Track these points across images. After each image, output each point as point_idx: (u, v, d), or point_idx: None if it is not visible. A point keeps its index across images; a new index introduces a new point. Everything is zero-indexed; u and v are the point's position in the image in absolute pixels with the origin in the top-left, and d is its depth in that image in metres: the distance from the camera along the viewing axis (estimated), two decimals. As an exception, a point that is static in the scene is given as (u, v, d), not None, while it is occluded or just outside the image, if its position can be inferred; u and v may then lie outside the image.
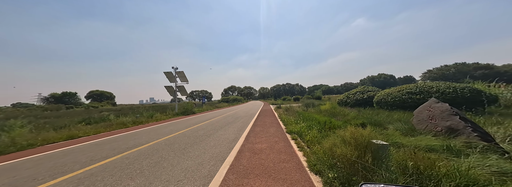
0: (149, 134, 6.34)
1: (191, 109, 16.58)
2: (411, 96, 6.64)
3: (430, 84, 6.59)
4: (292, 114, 9.85)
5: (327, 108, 10.23)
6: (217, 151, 3.90)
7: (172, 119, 12.03)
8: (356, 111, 7.84)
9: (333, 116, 6.88)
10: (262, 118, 10.24)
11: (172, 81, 18.66)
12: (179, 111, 16.06)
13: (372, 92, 9.75)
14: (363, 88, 10.83)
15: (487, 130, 3.29)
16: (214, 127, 7.26)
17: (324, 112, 8.94)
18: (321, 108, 10.70)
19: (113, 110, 34.23)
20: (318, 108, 11.81)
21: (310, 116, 6.91)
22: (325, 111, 9.30)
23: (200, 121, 9.92)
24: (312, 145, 3.83)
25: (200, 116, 13.64)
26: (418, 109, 3.94)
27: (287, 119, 7.69)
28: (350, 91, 11.49)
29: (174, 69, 18.57)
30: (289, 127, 6.11)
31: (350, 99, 10.55)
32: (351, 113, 7.13)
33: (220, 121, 9.52)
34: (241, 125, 7.62)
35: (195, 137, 5.41)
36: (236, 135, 5.61)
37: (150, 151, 4.14)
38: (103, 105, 69.13)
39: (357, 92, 10.63)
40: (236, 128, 6.86)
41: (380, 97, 8.03)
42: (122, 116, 10.18)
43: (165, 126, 8.21)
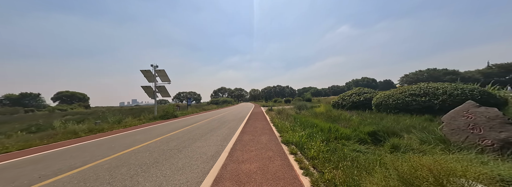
0: (99, 148, 4.76)
1: (172, 112, 14.77)
2: (415, 98, 6.06)
3: (434, 85, 6.08)
4: (286, 117, 8.85)
5: (322, 111, 9.45)
6: (181, 181, 2.62)
7: (146, 124, 10.27)
8: (356, 115, 7.09)
9: (334, 121, 5.98)
10: (252, 122, 9.06)
11: (151, 80, 16.66)
12: (158, 115, 14.17)
13: (369, 94, 9.19)
14: (358, 89, 10.29)
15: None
16: (193, 136, 5.89)
17: (320, 116, 8.09)
18: (316, 111, 9.89)
19: (82, 113, 30.29)
20: (312, 110, 11.00)
21: (308, 121, 5.93)
22: (321, 115, 8.47)
23: (179, 127, 8.41)
24: (321, 165, 2.77)
25: (182, 120, 12.01)
26: (450, 115, 3.14)
27: (281, 124, 6.63)
28: (345, 93, 10.89)
29: (154, 67, 16.62)
30: (285, 135, 5.02)
31: (346, 101, 9.90)
32: (353, 117, 6.31)
33: (203, 126, 8.13)
34: (227, 132, 6.37)
35: (160, 153, 4.02)
36: (218, 147, 4.34)
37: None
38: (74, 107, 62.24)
39: (353, 94, 10.03)
40: (220, 137, 5.59)
41: (380, 100, 7.41)
42: (74, 122, 8.15)
43: (130, 135, 6.60)
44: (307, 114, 9.56)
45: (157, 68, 16.89)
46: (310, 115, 9.07)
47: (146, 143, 5.03)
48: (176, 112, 15.40)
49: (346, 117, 6.33)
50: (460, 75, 61.50)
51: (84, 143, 5.46)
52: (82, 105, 75.24)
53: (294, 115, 8.86)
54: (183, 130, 7.22)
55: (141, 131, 7.58)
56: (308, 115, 9.18)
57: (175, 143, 4.98)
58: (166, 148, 4.45)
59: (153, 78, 16.63)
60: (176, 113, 15.36)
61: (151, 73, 16.48)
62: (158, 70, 16.69)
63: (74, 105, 69.90)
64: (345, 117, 6.34)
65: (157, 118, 13.35)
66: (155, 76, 16.81)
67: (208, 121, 10.65)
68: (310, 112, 10.38)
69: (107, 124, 9.10)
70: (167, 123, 10.32)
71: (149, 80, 16.77)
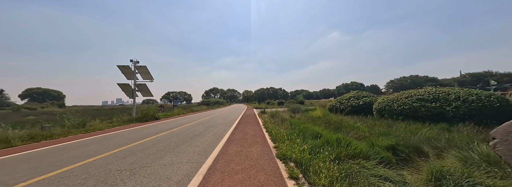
0: (16, 168, 3.35)
1: (152, 113, 13.14)
2: (423, 103, 5.43)
3: (444, 89, 5.50)
4: (281, 122, 7.88)
5: (319, 115, 8.66)
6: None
7: (117, 128, 8.70)
8: (359, 121, 6.33)
9: (336, 129, 5.11)
10: (243, 127, 7.97)
11: (130, 77, 14.88)
12: (136, 117, 12.49)
13: (368, 98, 8.58)
14: (356, 93, 9.69)
15: None
16: (165, 146, 4.65)
17: (318, 121, 7.27)
18: (312, 115, 9.08)
19: (51, 113, 26.95)
20: (308, 114, 10.19)
21: (307, 128, 5.00)
22: (318, 119, 7.65)
23: (154, 132, 7.05)
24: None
25: (162, 123, 10.54)
26: (505, 130, 2.35)
27: (276, 131, 5.64)
28: (343, 96, 10.23)
29: (134, 62, 14.90)
30: (281, 147, 4.01)
31: (344, 105, 9.21)
32: (358, 124, 5.49)
33: (183, 132, 6.86)
34: (211, 141, 5.22)
35: (100, 178, 2.75)
36: (191, 166, 3.19)
37: None
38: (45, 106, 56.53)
39: (351, 97, 9.37)
40: (200, 148, 4.44)
41: (382, 104, 6.75)
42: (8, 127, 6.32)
43: (82, 145, 5.16)
44: (303, 119, 8.70)
45: (138, 64, 15.18)
46: (306, 120, 8.22)
47: (92, 159, 3.70)
48: (157, 114, 13.79)
49: (349, 124, 5.49)
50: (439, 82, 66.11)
51: (3, 158, 3.97)
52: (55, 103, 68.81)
53: (290, 119, 7.94)
54: (156, 137, 5.90)
55: (102, 138, 6.11)
56: (304, 119, 8.31)
57: (134, 158, 3.72)
58: (115, 167, 3.19)
59: (132, 75, 14.87)
60: (158, 114, 13.75)
61: (130, 69, 14.73)
62: (138, 66, 14.98)
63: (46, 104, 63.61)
64: (348, 124, 5.49)
65: (133, 120, 11.70)
66: (135, 73, 15.06)
67: (192, 124, 9.35)
68: (306, 116, 9.55)
69: (63, 128, 7.43)
70: (142, 127, 8.84)
71: (128, 77, 14.99)
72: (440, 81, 65.45)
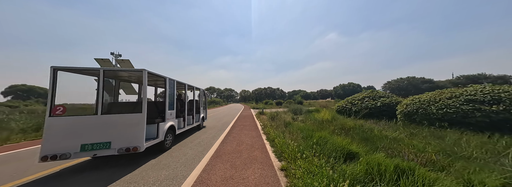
0: None
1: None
2: (478, 106, 4.09)
3: (506, 88, 4.17)
4: (284, 127, 6.40)
5: (328, 118, 7.26)
6: None
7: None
8: (382, 126, 4.93)
9: (365, 140, 3.66)
10: (238, 132, 6.44)
11: (111, 73, 13.11)
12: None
13: (387, 99, 7.20)
14: (370, 92, 8.33)
15: None
16: (125, 163, 3.08)
17: (328, 125, 5.86)
18: (318, 118, 7.68)
19: (31, 111, 24.84)
20: (312, 116, 8.78)
21: (324, 139, 3.54)
22: (328, 123, 6.25)
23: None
24: None
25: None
26: None
27: (281, 141, 4.17)
28: (354, 96, 8.83)
29: (115, 56, 13.11)
30: (295, 173, 2.54)
31: (357, 107, 7.79)
32: (395, 134, 4.05)
33: None
34: (191, 156, 3.69)
35: None
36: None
37: None
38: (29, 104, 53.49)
39: (365, 97, 7.98)
40: (169, 171, 2.90)
41: (413, 107, 5.35)
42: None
43: (5, 161, 3.51)
44: (308, 122, 7.27)
45: (120, 57, 13.40)
46: (313, 124, 6.80)
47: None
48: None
49: (380, 133, 4.02)
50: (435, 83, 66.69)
51: None
52: (40, 101, 65.61)
53: (296, 124, 6.47)
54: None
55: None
56: (310, 123, 6.87)
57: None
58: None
59: (113, 70, 13.08)
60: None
61: (110, 63, 12.91)
62: (120, 60, 13.18)
63: (30, 101, 60.40)
64: (379, 133, 4.00)
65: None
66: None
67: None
68: (311, 119, 8.15)
69: (8, 131, 5.72)
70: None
71: (108, 72, 13.19)
72: (436, 83, 66.02)
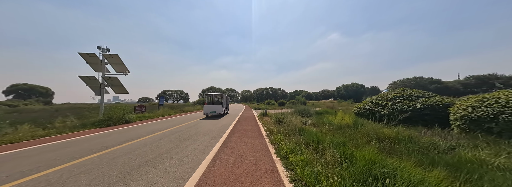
0: None
1: (121, 116, 10.10)
2: None
3: None
4: (297, 133, 4.95)
5: (349, 123, 5.82)
6: None
7: (42, 140, 5.70)
8: (438, 136, 3.42)
9: (448, 167, 2.23)
10: (237, 141, 5.01)
11: (98, 69, 11.79)
12: (96, 120, 9.42)
13: (429, 99, 5.62)
14: (402, 91, 6.80)
15: None
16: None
17: (352, 132, 4.43)
18: (336, 122, 6.24)
19: (26, 111, 23.79)
20: (325, 119, 7.33)
21: (382, 164, 2.12)
22: (351, 129, 4.79)
23: (83, 152, 4.05)
24: None
25: (125, 130, 7.55)
26: None
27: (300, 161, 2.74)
28: (380, 95, 7.25)
29: (102, 50, 11.79)
30: None
31: (386, 109, 6.22)
32: (491, 155, 2.52)
33: (131, 153, 3.88)
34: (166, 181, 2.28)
35: None
36: None
37: None
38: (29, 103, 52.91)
39: (396, 97, 6.41)
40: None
41: (488, 111, 3.75)
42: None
43: None
44: (324, 128, 5.82)
45: (109, 52, 12.07)
46: (331, 130, 5.34)
47: None
48: (129, 116, 10.71)
49: (473, 156, 2.42)
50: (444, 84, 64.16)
51: None
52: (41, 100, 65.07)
53: (310, 130, 4.98)
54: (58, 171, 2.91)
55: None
56: (326, 130, 5.42)
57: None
58: None
59: (100, 66, 11.76)
60: (130, 116, 10.67)
61: (97, 58, 11.61)
62: (108, 55, 11.86)
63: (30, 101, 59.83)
64: (474, 158, 2.38)
65: (87, 125, 8.61)
66: (105, 64, 11.96)
67: (164, 134, 6.36)
68: (325, 122, 6.70)
69: None
70: (87, 137, 5.83)
71: (95, 68, 11.88)
72: (445, 83, 63.56)
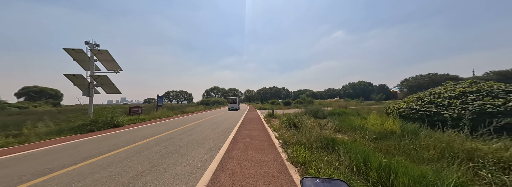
0: None
1: (108, 119, 8.78)
2: None
3: None
4: (329, 148, 3.29)
5: (395, 130, 4.11)
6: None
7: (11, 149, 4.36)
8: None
9: None
10: (240, 156, 3.44)
11: (86, 67, 10.57)
12: (80, 123, 8.14)
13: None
14: (471, 84, 4.93)
15: None
16: None
17: (410, 146, 2.75)
18: (372, 127, 4.54)
19: (30, 113, 23.55)
20: (351, 123, 5.61)
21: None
22: (401, 139, 3.10)
23: (8, 179, 2.59)
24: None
25: (110, 136, 6.19)
26: None
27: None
28: (435, 91, 5.32)
29: (91, 45, 10.56)
30: None
31: (451, 110, 4.30)
32: None
33: (86, 179, 2.39)
34: None
35: None
36: None
37: None
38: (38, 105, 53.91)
39: (466, 92, 4.49)
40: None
41: None
42: None
43: None
44: (361, 140, 4.14)
45: (98, 47, 10.83)
46: (371, 140, 3.64)
47: None
48: (118, 118, 9.38)
49: None
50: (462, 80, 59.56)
51: None
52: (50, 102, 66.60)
53: (343, 140, 3.30)
54: None
55: None
56: (361, 140, 3.74)
57: None
58: None
59: (88, 63, 10.53)
60: (118, 119, 9.33)
61: (84, 55, 10.38)
62: (97, 51, 10.60)
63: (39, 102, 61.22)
64: None
65: (64, 130, 7.28)
66: (93, 61, 10.72)
67: (146, 144, 4.89)
68: (354, 127, 5.00)
69: None
70: (24, 156, 4.45)
71: (84, 66, 10.66)
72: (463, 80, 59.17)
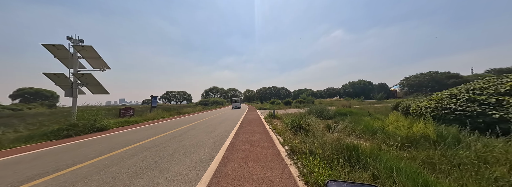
0: None
1: (88, 122, 7.89)
2: None
3: None
4: (349, 158, 2.45)
5: (430, 135, 3.28)
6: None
7: None
8: None
9: None
10: (237, 173, 2.57)
11: (69, 65, 9.62)
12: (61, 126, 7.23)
13: None
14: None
15: None
16: None
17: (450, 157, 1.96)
18: (395, 130, 3.70)
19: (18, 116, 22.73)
20: (364, 124, 4.78)
21: None
22: (434, 147, 2.30)
23: None
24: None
25: (86, 142, 5.31)
26: None
27: None
28: (474, 85, 4.41)
29: (74, 41, 9.61)
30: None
31: (503, 109, 3.27)
32: None
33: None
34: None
35: None
36: None
37: None
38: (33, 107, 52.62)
39: None
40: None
41: None
42: None
43: None
44: (389, 149, 3.29)
45: (82, 43, 9.90)
46: (394, 144, 2.79)
47: None
48: (102, 122, 8.47)
49: None
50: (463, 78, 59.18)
51: None
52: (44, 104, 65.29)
53: (371, 150, 2.48)
54: None
55: None
56: (393, 155, 2.90)
57: None
58: None
59: (71, 61, 9.58)
60: (102, 123, 8.41)
61: (66, 51, 9.44)
62: (80, 47, 9.65)
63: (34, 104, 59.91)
64: None
65: (35, 136, 6.36)
66: (77, 58, 9.78)
67: (121, 155, 4.01)
68: (373, 129, 4.16)
69: None
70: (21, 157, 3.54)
71: (66, 64, 9.71)
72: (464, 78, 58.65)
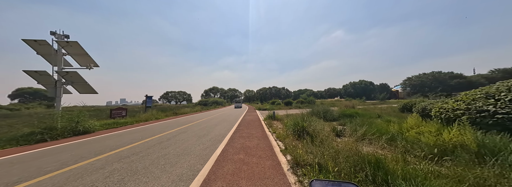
0: None
1: (72, 125, 7.19)
2: None
3: None
4: (373, 177, 1.72)
5: (466, 144, 2.55)
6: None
7: None
8: None
9: None
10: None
11: (52, 62, 8.92)
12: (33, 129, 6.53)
13: None
14: None
15: None
16: None
17: None
18: (418, 138, 2.98)
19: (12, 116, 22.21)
20: (377, 128, 4.03)
21: None
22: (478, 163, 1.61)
23: None
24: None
25: (56, 149, 4.58)
26: None
27: None
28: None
29: (58, 36, 8.91)
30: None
31: None
32: None
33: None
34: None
35: None
36: None
37: None
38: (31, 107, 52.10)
39: None
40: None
41: None
42: None
43: None
44: (429, 168, 2.56)
45: (67, 39, 9.19)
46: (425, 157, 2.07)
47: None
48: (86, 124, 7.75)
49: None
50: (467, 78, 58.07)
51: None
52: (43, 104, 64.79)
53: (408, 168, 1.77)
54: None
55: None
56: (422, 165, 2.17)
57: None
58: None
59: (54, 58, 8.87)
60: (86, 125, 7.70)
61: (50, 47, 8.72)
62: (65, 43, 8.94)
63: (32, 104, 59.39)
64: None
65: (2, 141, 5.64)
66: (61, 54, 9.07)
67: (85, 168, 3.28)
68: (392, 136, 3.42)
69: None
70: None
71: (49, 60, 8.99)
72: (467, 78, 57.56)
